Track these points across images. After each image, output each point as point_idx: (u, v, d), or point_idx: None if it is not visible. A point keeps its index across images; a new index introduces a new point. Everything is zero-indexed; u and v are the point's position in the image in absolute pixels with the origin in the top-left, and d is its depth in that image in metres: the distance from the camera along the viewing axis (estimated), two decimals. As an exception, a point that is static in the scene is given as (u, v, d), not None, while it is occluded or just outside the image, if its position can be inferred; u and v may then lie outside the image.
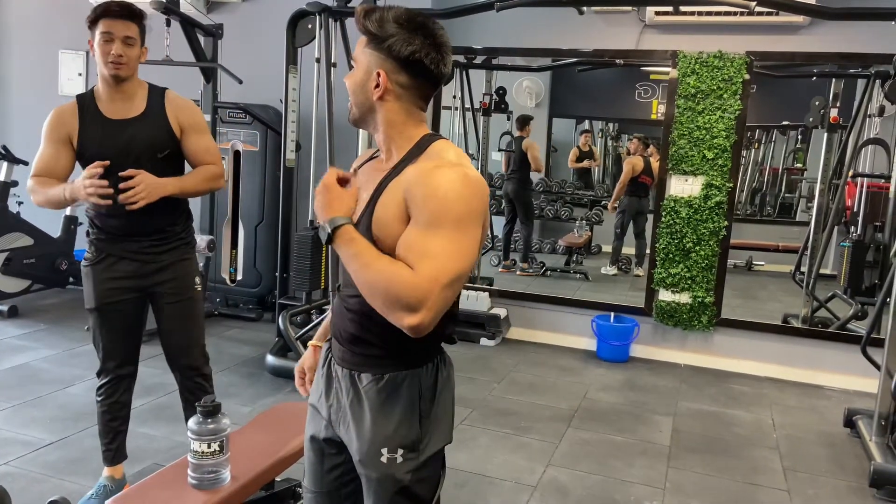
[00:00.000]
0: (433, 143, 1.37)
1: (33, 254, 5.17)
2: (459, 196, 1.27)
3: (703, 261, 4.67)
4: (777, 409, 4.03)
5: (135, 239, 2.40)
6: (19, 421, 3.30)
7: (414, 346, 1.38)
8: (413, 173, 1.31)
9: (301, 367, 1.68)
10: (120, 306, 2.45)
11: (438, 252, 1.24)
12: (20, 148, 5.26)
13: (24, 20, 6.12)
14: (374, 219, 1.33)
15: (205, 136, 2.46)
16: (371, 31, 1.33)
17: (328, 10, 3.97)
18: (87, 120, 2.32)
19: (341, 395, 1.49)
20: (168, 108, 2.37)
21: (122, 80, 2.29)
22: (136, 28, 2.28)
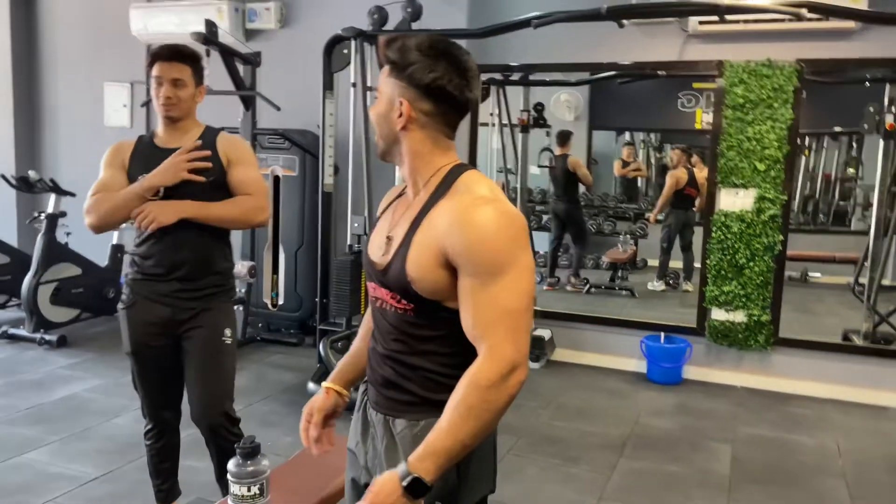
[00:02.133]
0: (462, 176, 1.32)
1: (81, 283, 5.26)
2: (503, 237, 1.23)
3: (758, 277, 4.48)
4: (841, 434, 3.82)
5: (165, 280, 2.32)
6: (66, 455, 3.31)
7: (447, 390, 1.30)
8: (447, 215, 1.26)
9: (309, 409, 1.59)
10: (156, 351, 2.38)
11: (505, 303, 1.22)
12: (67, 179, 5.37)
13: (70, 53, 6.27)
14: (409, 260, 1.28)
15: (249, 168, 2.39)
16: (393, 60, 1.30)
17: (363, 34, 3.95)
18: (139, 149, 2.37)
19: (377, 440, 1.43)
20: (219, 143, 2.35)
21: (175, 120, 2.31)
22: (187, 70, 2.28)
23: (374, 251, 1.41)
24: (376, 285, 1.40)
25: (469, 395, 1.21)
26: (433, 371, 1.34)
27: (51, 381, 4.28)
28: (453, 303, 1.28)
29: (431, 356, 1.34)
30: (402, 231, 1.33)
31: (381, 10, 3.98)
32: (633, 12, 3.85)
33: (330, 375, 1.62)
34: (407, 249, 1.29)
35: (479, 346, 1.24)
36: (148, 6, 5.72)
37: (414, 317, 1.33)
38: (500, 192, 1.31)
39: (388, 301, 1.36)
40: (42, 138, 6.44)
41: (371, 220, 3.93)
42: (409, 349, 1.35)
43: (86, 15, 6.18)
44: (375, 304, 1.42)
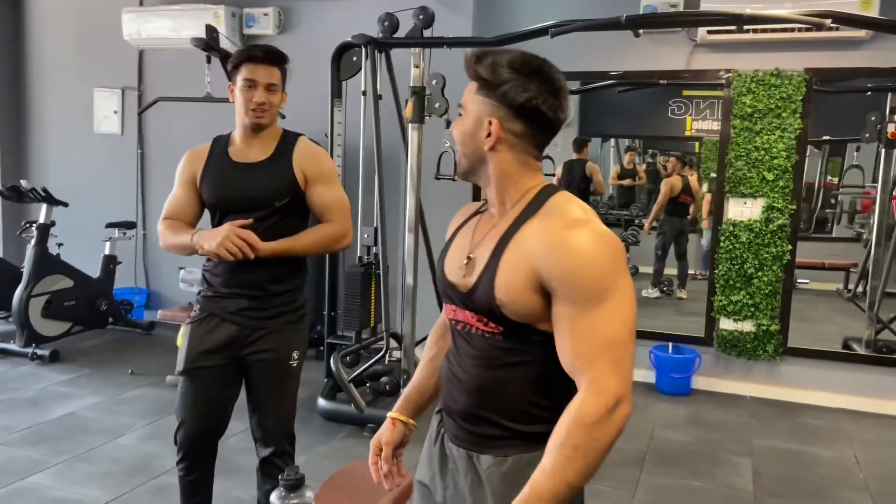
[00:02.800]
0: (553, 197, 1.26)
1: (73, 295, 5.10)
2: (603, 261, 1.16)
3: (767, 287, 4.47)
4: (857, 445, 3.81)
5: (233, 297, 2.20)
6: (71, 478, 3.18)
7: (539, 422, 1.25)
8: (539, 236, 1.20)
9: (377, 442, 1.50)
10: (211, 373, 2.24)
11: (607, 332, 1.15)
12: (56, 187, 5.21)
13: (58, 58, 6.10)
14: (498, 284, 1.22)
15: (330, 187, 2.24)
16: (483, 78, 1.24)
17: (374, 41, 3.86)
18: (212, 161, 2.23)
19: (458, 477, 1.34)
20: (296, 155, 2.20)
21: (262, 128, 2.19)
22: (279, 74, 2.17)
23: (453, 272, 1.34)
24: (457, 307, 1.33)
25: (574, 433, 1.13)
26: (524, 400, 1.26)
27: (47, 399, 4.12)
28: (546, 325, 1.21)
29: (522, 383, 1.26)
30: (486, 251, 1.26)
31: (392, 16, 3.90)
32: (653, 22, 3.81)
33: (396, 405, 1.53)
34: (494, 271, 1.22)
35: (579, 379, 1.17)
36: (141, 11, 5.57)
37: (503, 340, 1.25)
38: (593, 213, 1.24)
39: (473, 324, 1.29)
40: (29, 146, 6.26)
41: (383, 229, 3.84)
42: (496, 375, 1.27)
43: (75, 19, 6.02)
44: (456, 327, 1.34)
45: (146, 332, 5.59)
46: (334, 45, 4.08)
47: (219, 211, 2.23)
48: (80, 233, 5.54)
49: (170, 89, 5.38)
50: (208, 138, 5.36)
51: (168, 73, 5.76)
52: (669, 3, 4.48)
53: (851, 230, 7.88)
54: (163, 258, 5.91)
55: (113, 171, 5.96)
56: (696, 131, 7.46)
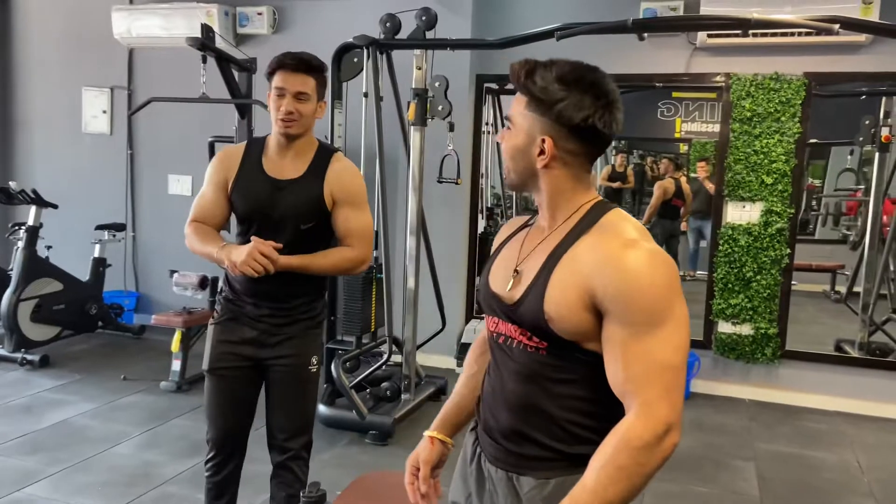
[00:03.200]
0: (607, 214, 1.23)
1: (63, 299, 4.99)
2: (660, 284, 1.14)
3: (765, 290, 4.48)
4: (859, 449, 3.82)
5: (257, 304, 2.21)
6: (69, 488, 3.09)
7: (583, 443, 1.21)
8: (595, 254, 1.17)
9: (414, 461, 1.45)
10: (232, 373, 2.25)
11: (660, 357, 1.12)
12: (43, 188, 5.09)
13: (46, 56, 5.97)
14: (548, 298, 1.18)
15: (356, 211, 2.20)
16: (536, 96, 1.19)
17: (376, 42, 3.81)
18: (246, 169, 2.18)
19: (497, 498, 1.30)
20: (329, 174, 2.17)
21: (293, 138, 2.14)
22: (312, 83, 2.11)
23: (498, 283, 1.30)
24: (500, 320, 1.29)
25: (619, 455, 1.10)
26: (568, 420, 1.23)
27: (39, 406, 4.03)
28: (593, 345, 1.18)
29: (566, 401, 1.22)
30: (535, 265, 1.23)
31: (394, 17, 3.85)
32: (659, 25, 3.80)
33: (433, 423, 1.49)
34: (545, 285, 1.19)
35: (628, 402, 1.14)
36: (131, 9, 5.47)
37: (547, 357, 1.22)
38: (647, 233, 1.21)
39: (517, 337, 1.25)
40: (16, 146, 6.12)
41: (385, 232, 3.80)
42: (539, 393, 1.23)
43: (63, 17, 5.89)
44: (497, 340, 1.31)
45: (137, 336, 5.50)
46: (330, 45, 4.03)
47: (247, 223, 2.21)
48: (68, 235, 5.43)
49: (160, 89, 5.28)
50: (200, 139, 5.29)
51: (159, 73, 5.66)
52: (669, 6, 4.48)
53: (837, 232, 7.95)
54: (153, 261, 5.82)
55: (102, 172, 5.85)
56: (685, 133, 7.50)
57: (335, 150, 2.26)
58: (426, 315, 4.30)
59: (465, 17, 4.74)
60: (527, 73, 1.20)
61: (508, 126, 1.25)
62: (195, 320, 4.52)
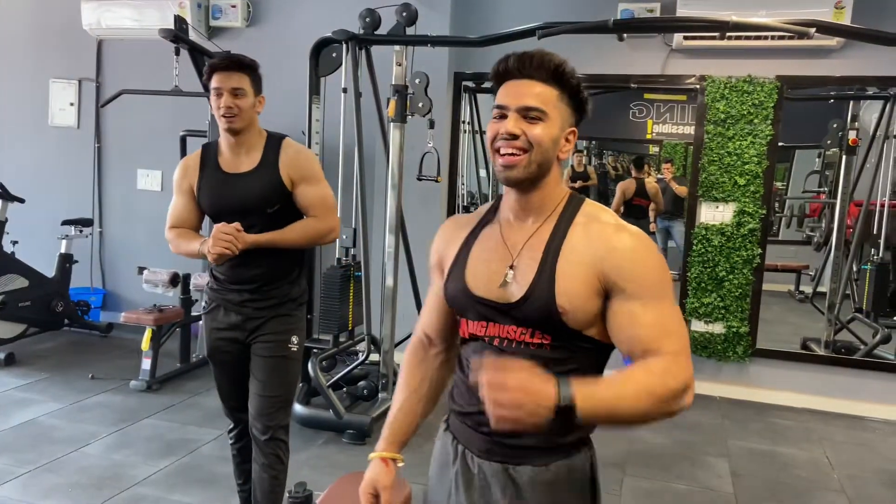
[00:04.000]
0: (584, 204, 1.30)
1: (29, 296, 4.86)
2: (659, 260, 1.23)
3: (737, 290, 4.55)
4: (828, 446, 3.90)
5: (236, 290, 2.36)
6: (37, 490, 3.01)
7: (580, 429, 1.27)
8: (596, 242, 1.23)
9: (372, 489, 1.40)
10: (227, 357, 2.43)
11: (671, 323, 1.20)
12: (8, 182, 4.96)
13: (11, 47, 5.81)
14: (559, 291, 1.21)
15: (315, 186, 2.34)
16: (574, 89, 1.25)
17: (355, 37, 3.77)
18: (206, 172, 2.32)
19: (492, 491, 1.30)
20: (282, 160, 2.29)
21: (236, 132, 2.25)
22: (245, 79, 2.24)
23: (483, 286, 1.29)
24: (491, 322, 1.28)
25: (655, 384, 1.13)
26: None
27: (5, 405, 3.91)
28: (593, 331, 1.24)
29: None
30: (532, 260, 1.24)
31: (374, 13, 3.81)
32: (640, 27, 3.82)
33: (380, 443, 1.43)
34: (552, 279, 1.21)
35: (649, 355, 1.17)
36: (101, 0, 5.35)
37: (550, 351, 1.24)
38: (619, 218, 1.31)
39: (516, 337, 1.25)
40: (-22, 138, 5.95)
41: (364, 230, 3.76)
42: None
43: (30, 7, 5.74)
44: (491, 343, 1.28)
45: (104, 334, 5.38)
46: (305, 39, 3.99)
47: (216, 219, 2.31)
48: (34, 230, 5.29)
49: (130, 81, 5.17)
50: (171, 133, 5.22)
51: (128, 65, 5.55)
52: (646, 7, 4.52)
53: (801, 233, 8.10)
54: (120, 257, 5.70)
55: (69, 166, 5.71)
56: (656, 134, 7.58)
57: (283, 137, 2.36)
58: (404, 313, 4.28)
59: (444, 14, 4.72)
60: (558, 66, 1.23)
61: (539, 117, 1.22)
62: (166, 318, 4.44)
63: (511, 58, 1.25)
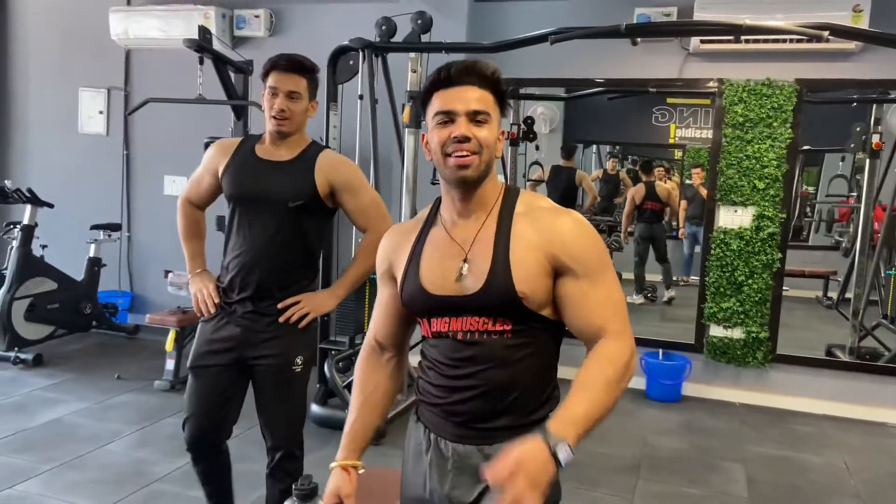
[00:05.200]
0: (521, 194, 1.40)
1: (57, 298, 5.01)
2: (595, 236, 1.35)
3: (756, 294, 4.51)
4: (846, 452, 3.85)
5: (243, 301, 2.23)
6: (60, 486, 3.10)
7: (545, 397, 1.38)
8: (542, 227, 1.33)
9: (335, 496, 1.46)
10: (212, 372, 2.26)
11: (615, 296, 1.33)
12: (39, 188, 5.11)
13: (43, 57, 6.00)
14: (517, 278, 1.30)
15: (359, 194, 2.28)
16: (504, 95, 1.36)
17: (372, 45, 3.84)
18: (238, 155, 2.27)
19: (465, 475, 1.36)
20: (319, 162, 2.23)
21: (285, 136, 2.21)
22: (303, 83, 2.18)
23: (440, 284, 1.35)
24: (452, 318, 1.35)
25: (606, 369, 1.25)
26: (532, 390, 1.36)
27: (32, 404, 4.03)
28: (547, 310, 1.33)
29: (531, 375, 1.35)
30: (485, 253, 1.32)
31: (390, 21, 3.88)
32: (652, 31, 3.84)
33: (340, 452, 1.50)
34: (507, 267, 1.30)
35: (597, 335, 1.30)
36: (129, 10, 5.50)
37: (511, 337, 1.33)
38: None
39: (478, 328, 1.33)
40: (12, 145, 6.14)
41: (379, 236, 3.81)
42: (510, 375, 1.33)
43: (60, 19, 5.92)
44: (455, 338, 1.34)
45: (131, 336, 5.51)
46: (327, 48, 4.06)
47: (234, 203, 2.26)
48: (63, 234, 5.44)
49: (157, 90, 5.30)
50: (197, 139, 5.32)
51: (155, 74, 5.69)
52: (663, 12, 4.52)
53: (830, 238, 7.98)
54: (147, 261, 5.83)
55: (98, 172, 5.87)
56: (679, 139, 7.53)
57: (325, 146, 2.36)
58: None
59: (461, 21, 4.78)
60: (498, 76, 1.34)
61: (485, 119, 1.32)
62: (189, 319, 4.53)
63: (452, 67, 1.32)
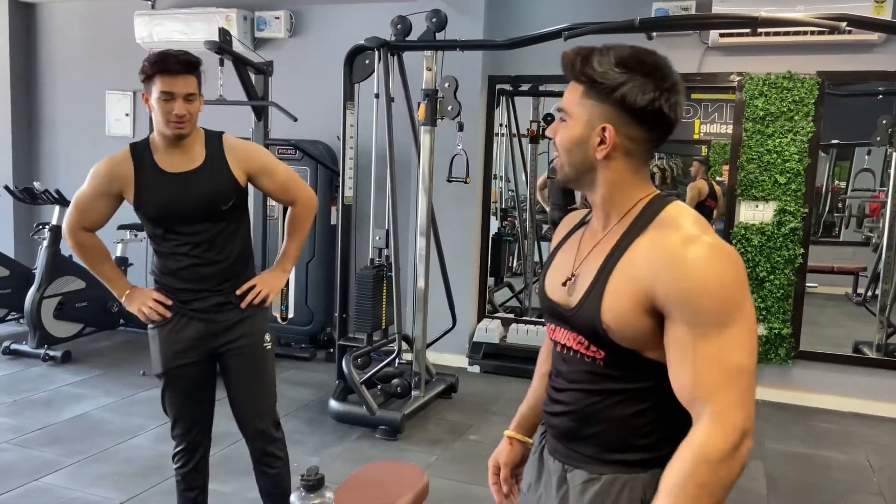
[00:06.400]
0: (666, 209, 1.15)
1: (85, 297, 5.12)
2: (728, 281, 1.06)
3: (779, 290, 4.46)
4: (870, 449, 3.79)
5: (201, 297, 2.25)
6: (86, 478, 3.19)
7: (638, 451, 1.17)
8: (654, 255, 1.09)
9: (495, 463, 1.46)
10: (188, 370, 2.29)
11: (732, 360, 1.04)
12: (67, 190, 5.22)
13: (70, 61, 6.13)
14: (606, 307, 1.12)
15: (276, 173, 2.32)
16: (594, 80, 1.12)
17: (387, 44, 3.87)
18: (143, 173, 2.18)
19: (550, 489, 1.29)
20: (228, 155, 2.22)
21: (184, 137, 2.17)
22: (195, 81, 2.13)
23: (554, 289, 1.25)
24: (557, 326, 1.25)
25: (698, 470, 1.02)
26: (621, 429, 1.18)
27: (60, 400, 4.14)
28: (654, 353, 1.12)
29: (620, 412, 1.17)
30: (592, 269, 1.17)
31: (405, 19, 3.91)
32: (666, 25, 3.81)
33: (512, 422, 1.48)
34: (601, 292, 1.13)
35: (698, 409, 1.06)
36: (153, 14, 5.61)
37: (604, 367, 1.17)
38: (709, 227, 1.14)
39: (573, 346, 1.21)
40: (41, 148, 6.29)
41: (395, 232, 3.85)
42: (594, 402, 1.19)
43: (87, 23, 6.06)
44: (556, 348, 1.27)
45: (157, 333, 5.60)
46: (346, 47, 4.10)
47: (164, 222, 2.21)
48: (91, 234, 5.55)
49: (181, 92, 5.40)
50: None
51: (179, 76, 5.78)
52: (681, 6, 4.49)
53: (860, 234, 7.84)
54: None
55: (124, 174, 5.98)
56: (704, 135, 7.45)
57: (221, 133, 2.28)
58: (437, 313, 4.35)
59: (477, 19, 4.79)
60: (583, 59, 1.14)
61: (562, 118, 1.19)
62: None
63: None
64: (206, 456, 2.46)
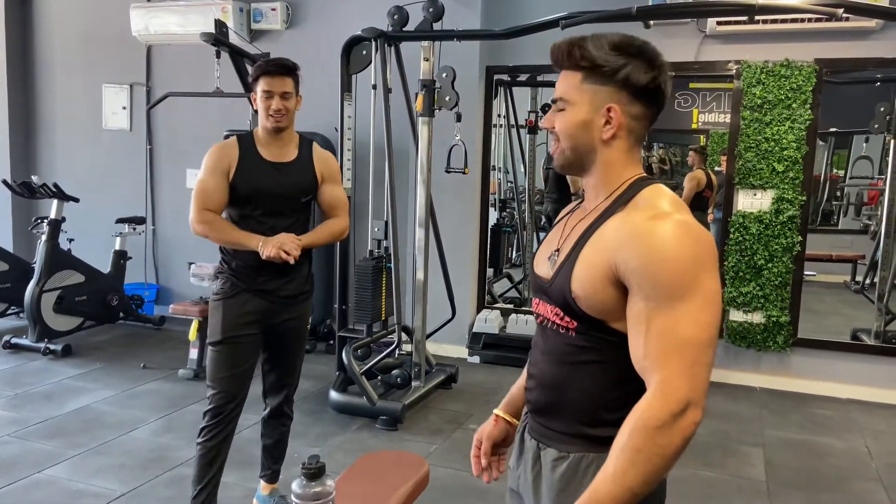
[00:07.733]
0: (643, 190, 1.19)
1: (85, 291, 5.13)
2: (686, 255, 1.09)
3: (777, 278, 4.47)
4: (869, 436, 3.81)
5: (272, 277, 2.53)
6: (87, 470, 3.20)
7: (606, 425, 1.19)
8: (620, 229, 1.14)
9: (478, 436, 1.49)
10: (243, 340, 2.55)
11: (683, 333, 1.07)
12: (64, 183, 5.23)
13: (66, 54, 6.12)
14: (574, 276, 1.17)
15: (338, 186, 2.69)
16: (596, 63, 1.17)
17: (384, 35, 3.86)
18: (245, 158, 2.50)
19: (527, 466, 1.33)
20: (315, 157, 2.61)
21: (282, 130, 2.50)
22: (291, 82, 2.47)
23: (541, 264, 1.31)
24: (539, 300, 1.30)
25: (636, 436, 1.06)
26: (592, 401, 1.22)
27: (60, 393, 4.15)
28: (620, 324, 1.16)
29: (591, 384, 1.21)
30: (570, 243, 1.23)
31: (402, 10, 3.90)
32: (664, 13, 3.80)
33: (501, 403, 1.51)
34: (573, 263, 1.19)
35: (648, 380, 1.10)
36: (149, 6, 5.59)
37: (575, 337, 1.21)
38: (684, 207, 1.18)
39: (550, 318, 1.26)
40: (38, 142, 6.28)
41: (394, 223, 3.85)
42: (566, 374, 1.24)
43: (83, 15, 6.03)
44: (538, 321, 1.33)
45: (157, 326, 5.62)
46: (342, 39, 4.09)
47: (253, 202, 2.51)
48: (90, 228, 5.56)
49: (178, 84, 5.39)
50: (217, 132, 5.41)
51: (176, 69, 5.78)
52: (679, -6, 4.47)
53: (858, 222, 7.85)
54: (172, 253, 5.94)
55: (122, 167, 5.99)
56: (702, 124, 7.44)
57: (312, 139, 2.67)
58: (437, 304, 4.35)
59: (474, 9, 4.78)
60: (580, 47, 1.19)
61: (561, 106, 1.23)
62: (211, 310, 4.61)
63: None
64: (232, 435, 2.63)
